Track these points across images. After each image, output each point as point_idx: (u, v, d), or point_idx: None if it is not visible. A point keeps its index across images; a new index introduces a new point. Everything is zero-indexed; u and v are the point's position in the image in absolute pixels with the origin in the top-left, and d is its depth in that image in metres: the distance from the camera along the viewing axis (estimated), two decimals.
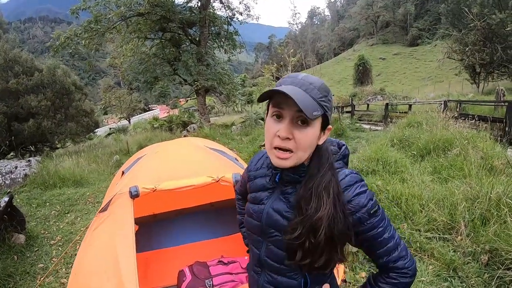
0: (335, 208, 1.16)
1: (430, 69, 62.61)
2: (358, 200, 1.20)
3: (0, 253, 4.48)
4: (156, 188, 2.56)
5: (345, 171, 1.27)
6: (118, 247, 2.23)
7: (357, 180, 1.24)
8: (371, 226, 1.22)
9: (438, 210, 4.12)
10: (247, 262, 3.25)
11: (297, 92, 1.12)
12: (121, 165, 9.39)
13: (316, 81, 1.18)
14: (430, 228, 3.99)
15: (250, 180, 1.49)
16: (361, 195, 1.21)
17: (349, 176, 1.24)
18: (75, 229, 5.64)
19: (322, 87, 1.17)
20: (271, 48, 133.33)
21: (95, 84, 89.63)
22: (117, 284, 2.04)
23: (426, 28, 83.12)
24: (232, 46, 18.85)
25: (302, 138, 1.15)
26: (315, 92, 1.15)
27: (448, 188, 4.52)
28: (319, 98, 1.15)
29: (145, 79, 17.54)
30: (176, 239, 4.15)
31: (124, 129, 24.67)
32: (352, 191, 1.22)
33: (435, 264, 3.49)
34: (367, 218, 1.21)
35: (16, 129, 14.08)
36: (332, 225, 1.16)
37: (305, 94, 1.13)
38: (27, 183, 7.79)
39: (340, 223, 1.16)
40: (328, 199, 1.17)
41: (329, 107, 1.19)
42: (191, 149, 3.30)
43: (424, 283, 3.26)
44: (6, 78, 14.23)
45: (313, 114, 1.10)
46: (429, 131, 7.28)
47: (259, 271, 1.43)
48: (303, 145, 1.17)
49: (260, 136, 10.83)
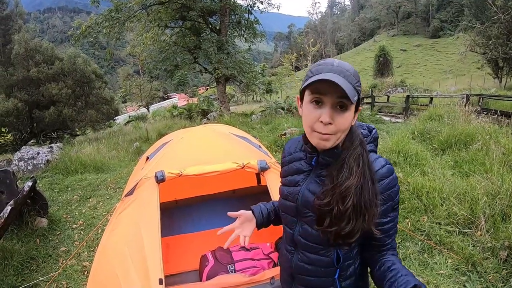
0: (364, 178, 1.23)
1: (451, 62, 61.37)
2: (389, 193, 1.30)
3: (23, 236, 4.60)
4: (181, 173, 2.60)
5: (381, 160, 1.34)
6: (143, 230, 2.28)
7: (392, 172, 1.32)
8: (389, 220, 1.33)
9: (459, 204, 4.09)
10: (269, 248, 3.30)
11: (339, 79, 1.17)
12: (141, 152, 9.55)
13: (350, 68, 1.25)
14: (450, 222, 3.98)
15: (284, 165, 1.56)
16: (392, 189, 1.31)
17: (386, 167, 1.31)
18: (97, 214, 5.76)
19: (356, 73, 1.25)
20: (290, 38, 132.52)
21: (114, 72, 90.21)
22: (141, 267, 2.09)
23: (448, 20, 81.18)
24: (253, 35, 18.69)
25: (342, 122, 1.22)
26: (352, 78, 1.22)
27: (469, 183, 4.48)
28: (355, 84, 1.22)
29: (165, 67, 17.54)
30: (197, 225, 4.21)
31: (143, 117, 24.75)
32: (386, 183, 1.29)
33: (454, 258, 3.49)
34: (390, 211, 1.32)
35: (37, 116, 14.33)
36: (359, 193, 1.22)
37: (345, 81, 1.18)
38: (49, 169, 7.94)
39: (368, 193, 1.22)
40: (358, 169, 1.24)
41: (360, 91, 1.26)
42: (216, 135, 3.32)
43: (443, 276, 3.28)
44: (27, 67, 14.46)
45: (354, 99, 1.18)
46: (451, 124, 7.17)
47: (292, 251, 1.50)
48: (342, 128, 1.23)
49: (280, 125, 10.79)
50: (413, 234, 3.92)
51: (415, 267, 3.46)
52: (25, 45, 14.63)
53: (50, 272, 4.03)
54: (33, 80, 14.45)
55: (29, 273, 4.02)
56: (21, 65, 14.60)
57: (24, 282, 3.79)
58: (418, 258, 3.61)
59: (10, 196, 4.51)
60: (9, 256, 4.05)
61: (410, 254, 3.66)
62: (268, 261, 3.17)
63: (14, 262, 4.01)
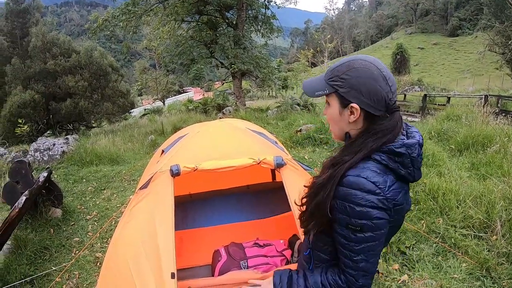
0: (327, 181, 1.25)
1: (469, 61, 60.48)
2: (344, 205, 1.21)
3: (37, 226, 4.65)
4: (197, 167, 2.58)
5: (364, 171, 1.21)
6: (157, 224, 2.26)
7: (357, 187, 1.19)
8: (340, 235, 1.26)
9: (475, 207, 4.03)
10: (282, 245, 3.28)
11: (314, 78, 1.39)
12: (156, 145, 9.59)
13: (335, 65, 1.33)
14: (465, 225, 3.92)
15: None
16: (349, 205, 1.19)
17: (355, 178, 1.20)
18: (111, 206, 5.80)
19: (336, 68, 1.31)
20: (307, 34, 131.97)
21: (131, 66, 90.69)
22: (154, 260, 2.08)
23: (467, 18, 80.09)
24: (269, 30, 18.55)
25: (327, 116, 1.39)
26: (327, 75, 1.33)
27: (485, 186, 4.41)
28: (328, 79, 1.31)
29: (181, 61, 17.51)
30: (211, 219, 4.19)
31: (159, 110, 24.86)
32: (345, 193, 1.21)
33: (468, 262, 3.43)
34: (342, 225, 1.24)
35: (54, 108, 14.52)
36: (314, 194, 1.29)
37: (318, 79, 1.37)
38: (64, 160, 8.01)
39: (320, 196, 1.26)
40: (326, 172, 1.28)
41: (341, 85, 1.27)
42: (232, 130, 3.28)
43: (456, 280, 3.22)
44: (44, 59, 14.68)
45: (316, 94, 1.34)
46: (468, 125, 7.06)
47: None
48: (329, 121, 1.40)
49: (296, 122, 10.71)
50: (428, 236, 3.86)
51: (429, 270, 3.40)
52: (42, 38, 14.85)
53: (63, 262, 4.08)
54: (50, 72, 14.66)
55: (42, 262, 4.07)
56: (38, 57, 14.83)
57: (36, 272, 3.83)
58: (432, 260, 3.55)
59: (25, 186, 4.55)
60: (23, 245, 4.10)
61: (424, 256, 3.60)
62: (281, 258, 3.15)
63: (28, 251, 4.06)
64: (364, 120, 1.28)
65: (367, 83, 1.23)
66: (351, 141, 1.29)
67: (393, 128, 1.25)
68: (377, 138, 1.23)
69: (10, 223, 3.64)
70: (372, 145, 1.23)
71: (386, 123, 1.24)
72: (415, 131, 1.34)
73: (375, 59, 1.30)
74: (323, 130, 8.81)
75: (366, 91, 1.23)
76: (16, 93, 14.30)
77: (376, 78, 1.23)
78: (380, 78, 1.23)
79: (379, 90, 1.23)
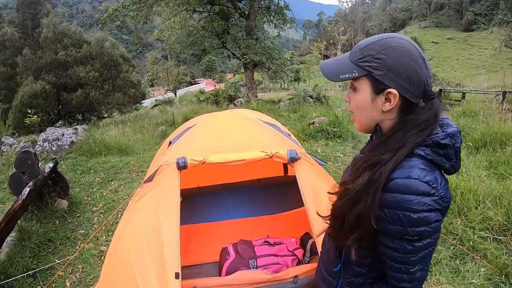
0: (367, 188, 1.06)
1: (484, 57, 59.81)
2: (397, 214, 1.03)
3: (42, 217, 4.57)
4: (205, 160, 2.43)
5: (413, 171, 1.04)
6: (161, 220, 2.14)
7: (410, 192, 1.02)
8: (394, 247, 1.08)
9: (494, 209, 3.88)
10: (293, 244, 3.14)
11: (336, 59, 1.20)
12: (166, 135, 9.47)
13: (364, 42, 1.15)
14: (484, 227, 3.77)
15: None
16: (404, 213, 1.02)
17: (406, 181, 1.03)
18: (117, 197, 5.71)
19: (367, 47, 1.12)
20: (319, 26, 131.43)
21: (142, 57, 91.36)
22: (158, 258, 1.98)
23: (482, 13, 79.14)
24: (282, 21, 18.35)
25: (352, 103, 1.19)
26: (355, 55, 1.14)
27: (505, 186, 4.24)
28: (357, 59, 1.12)
29: (193, 51, 17.43)
30: (219, 214, 4.05)
31: (170, 101, 24.83)
32: (396, 200, 1.03)
33: (487, 267, 3.29)
34: (396, 237, 1.06)
35: (65, 98, 14.62)
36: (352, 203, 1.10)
37: (341, 59, 1.17)
38: (73, 150, 7.93)
39: (361, 206, 1.07)
40: (365, 178, 1.08)
41: (376, 67, 1.08)
42: (243, 121, 3.11)
43: (474, 285, 3.10)
44: (55, 50, 14.75)
45: (341, 77, 1.13)
46: (486, 122, 6.87)
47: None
48: (354, 109, 1.19)
49: (308, 114, 10.52)
50: (445, 237, 3.71)
51: (446, 274, 3.26)
52: (53, 29, 14.92)
53: (67, 255, 3.99)
54: (61, 63, 14.71)
55: (45, 255, 3.98)
56: (49, 48, 14.88)
57: (40, 265, 3.74)
58: (450, 264, 3.40)
59: (31, 177, 4.48)
60: (27, 237, 4.02)
61: (441, 259, 3.45)
62: (292, 258, 3.01)
63: (31, 243, 3.96)
64: (399, 109, 1.12)
65: (407, 65, 1.06)
66: (388, 136, 1.11)
67: (435, 117, 1.09)
68: (420, 130, 1.07)
69: (13, 215, 3.55)
70: (416, 139, 1.07)
71: (427, 113, 1.09)
72: (445, 117, 1.17)
73: (409, 38, 1.13)
74: (337, 123, 8.67)
75: (406, 75, 1.06)
76: (27, 84, 14.38)
77: (416, 59, 1.07)
78: (420, 59, 1.08)
79: (419, 74, 1.07)
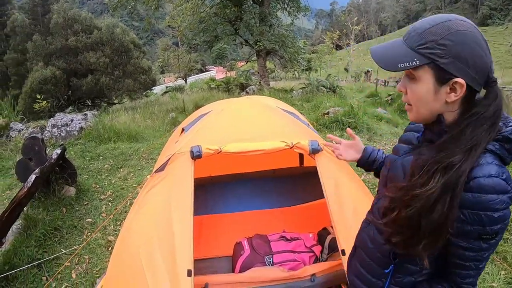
0: (443, 194, 0.94)
1: (499, 52, 58.68)
2: (479, 214, 0.94)
3: (49, 205, 4.43)
4: (221, 149, 2.24)
5: (491, 168, 0.95)
6: (173, 212, 1.97)
7: (499, 191, 0.93)
8: (470, 248, 1.00)
9: None
10: (311, 240, 2.94)
11: (389, 44, 1.07)
12: (177, 122, 9.32)
13: (423, 25, 1.00)
14: None
15: (406, 131, 1.39)
16: (486, 213, 0.93)
17: (492, 180, 0.93)
18: (126, 185, 5.56)
19: (428, 31, 0.98)
20: (332, 16, 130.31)
21: (153, 44, 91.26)
22: (168, 253, 1.82)
23: (497, 8, 77.77)
24: (296, 8, 17.97)
25: (410, 94, 1.07)
26: (413, 40, 1.01)
27: None
28: (417, 46, 0.99)
29: (204, 38, 17.22)
30: (233, 205, 3.88)
31: (180, 88, 24.66)
32: (480, 200, 0.93)
33: (507, 270, 3.11)
34: (474, 238, 0.98)
35: (75, 84, 14.57)
36: (427, 210, 0.96)
37: (396, 45, 1.05)
38: (82, 136, 7.78)
39: (439, 212, 0.95)
40: (439, 181, 0.95)
41: (441, 54, 0.96)
42: (261, 109, 2.90)
43: None
44: (66, 36, 14.68)
45: (399, 66, 1.00)
46: None
47: (368, 222, 1.37)
48: (413, 101, 1.08)
49: (322, 104, 10.26)
50: None
51: None
52: (63, 15, 14.82)
53: (74, 245, 3.87)
54: (71, 49, 14.64)
55: (51, 244, 3.85)
56: (59, 34, 14.81)
57: (45, 255, 3.61)
58: None
59: (38, 163, 4.36)
60: (33, 225, 3.89)
61: None
62: (309, 254, 2.83)
63: (37, 232, 3.83)
64: (463, 99, 1.01)
65: (474, 51, 0.95)
66: (458, 133, 0.99)
67: (501, 109, 1.00)
68: (492, 125, 0.97)
69: (18, 203, 3.40)
70: (489, 135, 0.97)
71: (493, 103, 0.98)
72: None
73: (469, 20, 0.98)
74: (352, 114, 8.43)
75: (472, 62, 0.95)
76: (37, 70, 14.33)
77: (481, 44, 0.96)
78: (484, 44, 0.97)
79: (485, 60, 0.97)
